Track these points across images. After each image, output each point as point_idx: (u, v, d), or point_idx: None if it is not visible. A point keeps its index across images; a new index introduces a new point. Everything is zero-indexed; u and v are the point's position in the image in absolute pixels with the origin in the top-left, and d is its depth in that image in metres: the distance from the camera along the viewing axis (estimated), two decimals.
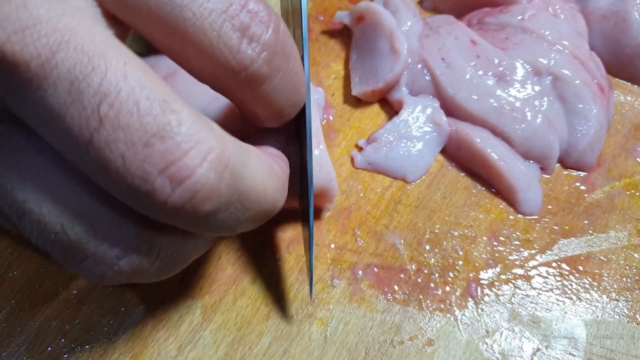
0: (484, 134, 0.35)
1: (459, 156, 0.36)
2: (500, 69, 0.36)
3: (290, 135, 0.27)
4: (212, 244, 0.25)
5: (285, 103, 0.22)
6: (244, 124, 0.27)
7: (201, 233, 0.21)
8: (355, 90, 0.38)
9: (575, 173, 0.36)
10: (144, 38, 0.20)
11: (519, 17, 0.38)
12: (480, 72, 0.36)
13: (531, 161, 0.35)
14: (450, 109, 0.36)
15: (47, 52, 0.16)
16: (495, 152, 0.34)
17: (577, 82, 0.35)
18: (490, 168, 0.34)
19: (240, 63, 0.20)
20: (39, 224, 0.19)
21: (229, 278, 0.31)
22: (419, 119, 0.36)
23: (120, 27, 0.20)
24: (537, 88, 0.35)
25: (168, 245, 0.21)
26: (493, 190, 0.35)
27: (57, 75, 0.16)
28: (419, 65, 0.37)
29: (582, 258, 0.33)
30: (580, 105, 0.35)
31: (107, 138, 0.16)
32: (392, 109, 0.38)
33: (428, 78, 0.37)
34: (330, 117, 0.38)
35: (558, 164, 0.36)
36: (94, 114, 0.16)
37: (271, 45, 0.20)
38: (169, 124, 0.17)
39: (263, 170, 0.20)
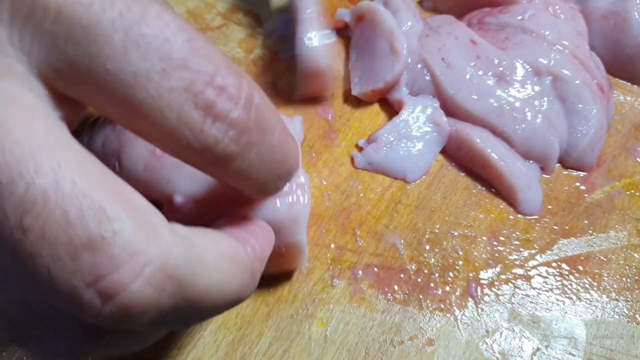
0: (483, 134, 0.35)
1: (459, 156, 0.36)
2: (500, 69, 0.36)
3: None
4: (165, 332, 0.24)
5: (267, 177, 0.21)
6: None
7: (154, 330, 0.20)
8: (355, 90, 0.38)
9: (575, 173, 0.36)
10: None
11: (519, 17, 0.38)
12: (480, 72, 0.36)
13: (531, 161, 0.35)
14: (450, 109, 0.36)
15: None
16: (495, 152, 0.34)
17: (577, 82, 0.35)
18: (490, 168, 0.34)
19: (203, 144, 0.18)
20: None
21: None
22: (419, 119, 0.36)
23: (73, 105, 0.18)
24: (537, 88, 0.35)
25: (116, 337, 0.20)
26: (493, 190, 0.35)
27: None
28: (419, 65, 0.37)
29: (582, 258, 0.33)
30: (580, 105, 0.35)
31: (30, 251, 0.15)
32: (392, 109, 0.38)
33: (428, 78, 0.37)
34: (330, 117, 0.38)
35: (558, 164, 0.36)
36: (17, 226, 0.15)
37: (240, 122, 0.18)
38: (101, 236, 0.15)
39: (221, 269, 0.19)
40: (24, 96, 0.16)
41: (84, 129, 0.32)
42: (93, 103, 0.18)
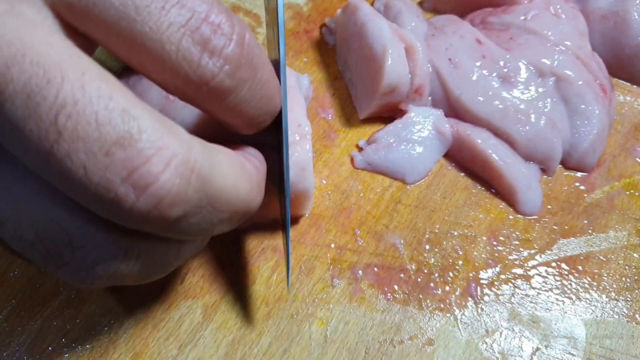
0: (484, 135, 0.35)
1: (460, 157, 0.36)
2: (505, 70, 0.35)
3: (272, 135, 0.27)
4: (197, 250, 0.25)
5: (257, 112, 0.22)
6: (221, 127, 0.27)
7: (176, 237, 0.21)
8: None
9: (574, 173, 0.36)
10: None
11: (522, 18, 0.38)
12: (486, 73, 0.35)
13: (531, 162, 0.35)
14: (455, 110, 0.36)
15: (2, 66, 0.16)
16: (495, 152, 0.34)
17: (580, 82, 0.35)
18: (490, 169, 0.34)
19: (200, 77, 0.19)
20: (15, 233, 0.19)
21: (229, 278, 0.31)
22: (421, 124, 0.36)
23: (82, 38, 0.20)
24: (540, 89, 0.35)
25: (146, 250, 0.21)
26: (493, 190, 0.35)
27: (13, 90, 0.16)
28: (429, 66, 0.37)
29: (581, 258, 0.33)
30: (582, 106, 0.35)
31: (67, 149, 0.16)
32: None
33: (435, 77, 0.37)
34: (330, 117, 0.38)
35: (559, 165, 0.36)
36: (52, 126, 0.16)
37: (234, 58, 0.20)
38: (129, 132, 0.17)
39: (234, 172, 0.20)
40: (43, 22, 0.18)
41: None
42: (99, 37, 0.19)
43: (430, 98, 0.37)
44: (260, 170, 0.23)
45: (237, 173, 0.21)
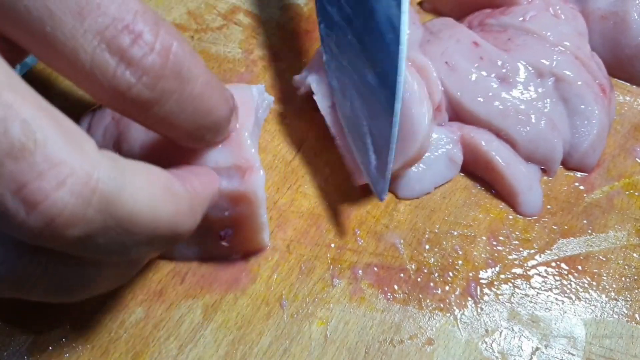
0: (487, 136, 0.35)
1: (463, 159, 0.36)
2: (504, 70, 0.35)
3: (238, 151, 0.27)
4: (126, 274, 0.24)
5: (192, 126, 0.21)
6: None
7: (88, 256, 0.20)
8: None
9: (574, 173, 0.36)
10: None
11: (520, 19, 0.38)
12: (484, 74, 0.35)
13: (532, 163, 0.35)
14: (457, 112, 0.36)
15: None
16: (498, 154, 0.34)
17: (579, 83, 0.35)
18: (492, 170, 0.34)
19: (115, 88, 0.19)
20: None
21: (229, 277, 0.31)
22: (434, 146, 0.35)
23: (9, 42, 0.19)
24: (540, 90, 0.35)
25: (53, 267, 0.20)
26: (493, 190, 0.35)
27: None
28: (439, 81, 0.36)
29: (581, 258, 0.33)
30: (582, 106, 0.35)
31: None
32: None
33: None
34: None
35: (560, 165, 0.36)
36: None
37: (154, 69, 0.19)
38: (24, 144, 0.16)
39: (152, 193, 0.19)
40: None
41: (84, 119, 0.33)
42: (16, 38, 0.18)
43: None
44: (198, 193, 0.22)
45: (157, 195, 0.19)
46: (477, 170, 0.36)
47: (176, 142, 0.23)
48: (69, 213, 0.16)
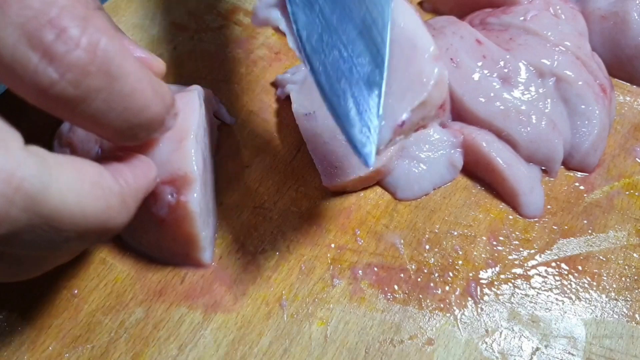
0: (488, 137, 0.34)
1: (464, 160, 0.36)
2: (506, 70, 0.35)
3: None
4: (63, 259, 0.23)
5: (123, 124, 0.21)
6: None
7: (15, 252, 0.20)
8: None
9: (574, 173, 0.36)
10: None
11: (521, 18, 0.38)
12: (487, 73, 0.35)
13: (533, 163, 0.35)
14: (458, 111, 0.36)
15: None
16: (499, 155, 0.34)
17: (580, 83, 0.35)
18: (494, 171, 0.34)
19: (36, 84, 0.18)
20: None
21: (229, 278, 0.31)
22: (435, 146, 0.35)
23: None
24: (541, 90, 0.35)
25: None
26: (493, 191, 0.35)
27: None
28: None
29: (581, 258, 0.33)
30: (583, 106, 0.35)
31: None
32: None
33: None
34: None
35: (561, 166, 0.36)
36: None
37: (79, 65, 0.18)
38: None
39: (81, 189, 0.19)
40: None
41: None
42: None
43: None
44: (131, 186, 0.22)
45: (86, 190, 0.19)
46: (478, 171, 0.36)
47: (108, 140, 0.23)
48: None
